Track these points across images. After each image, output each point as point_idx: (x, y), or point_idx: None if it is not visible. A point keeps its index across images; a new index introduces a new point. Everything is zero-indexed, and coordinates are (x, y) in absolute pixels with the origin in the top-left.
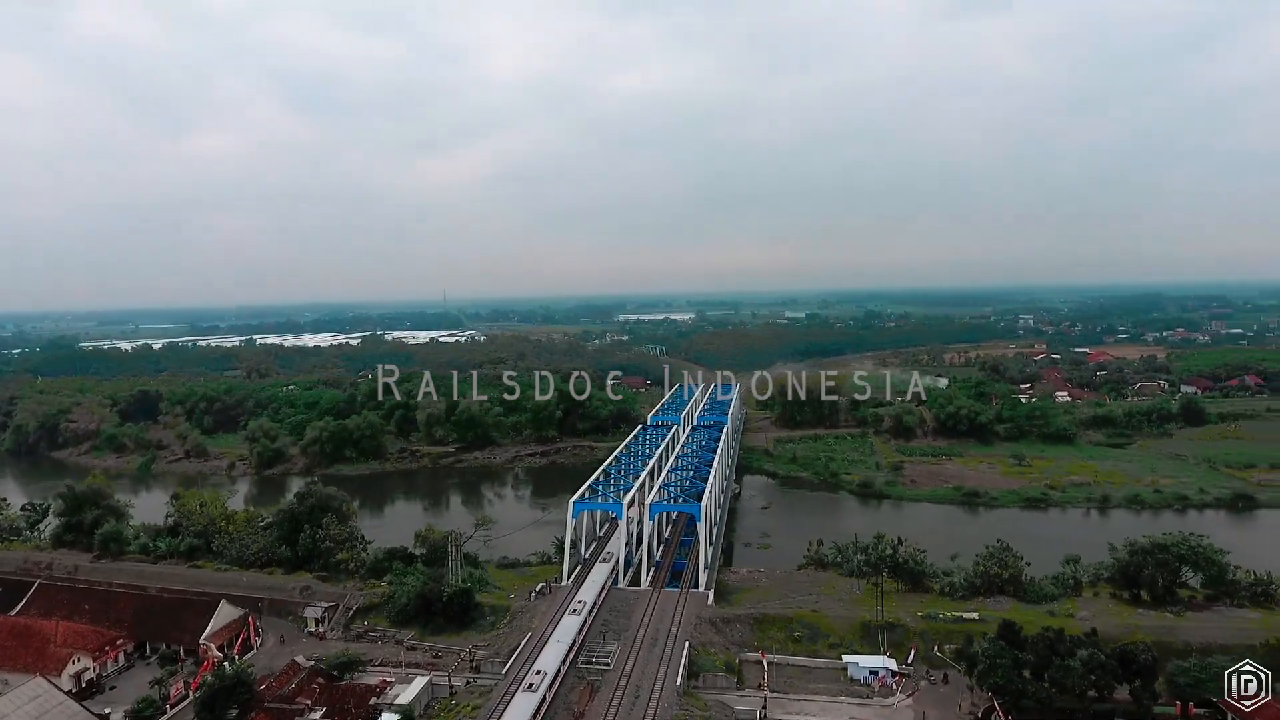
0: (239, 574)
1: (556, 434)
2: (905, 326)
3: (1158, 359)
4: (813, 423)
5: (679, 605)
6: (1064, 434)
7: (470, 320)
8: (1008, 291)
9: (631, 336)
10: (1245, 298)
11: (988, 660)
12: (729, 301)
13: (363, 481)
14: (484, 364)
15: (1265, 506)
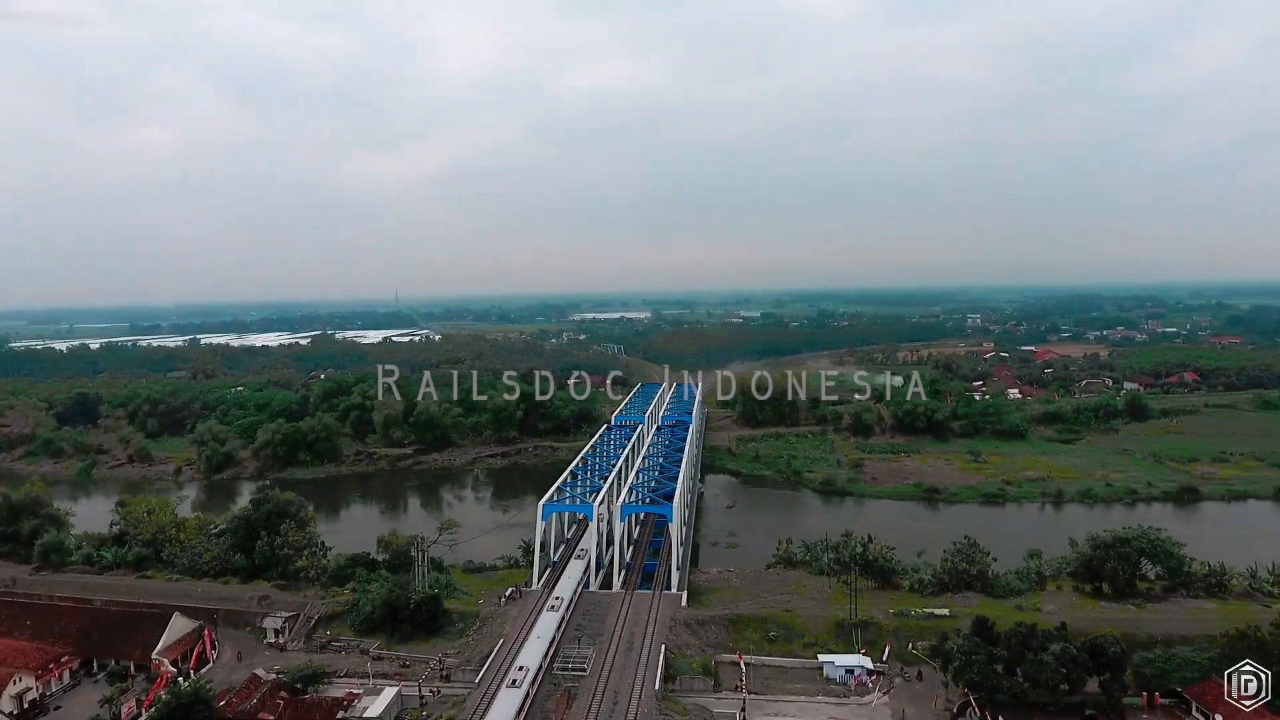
0: (192, 584)
1: (517, 434)
2: (858, 326)
3: (1100, 357)
4: (774, 421)
5: (653, 607)
6: (1017, 430)
7: (423, 319)
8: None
9: (589, 335)
10: (1176, 298)
11: (963, 657)
12: (684, 301)
13: (318, 485)
14: (441, 363)
15: (1209, 499)
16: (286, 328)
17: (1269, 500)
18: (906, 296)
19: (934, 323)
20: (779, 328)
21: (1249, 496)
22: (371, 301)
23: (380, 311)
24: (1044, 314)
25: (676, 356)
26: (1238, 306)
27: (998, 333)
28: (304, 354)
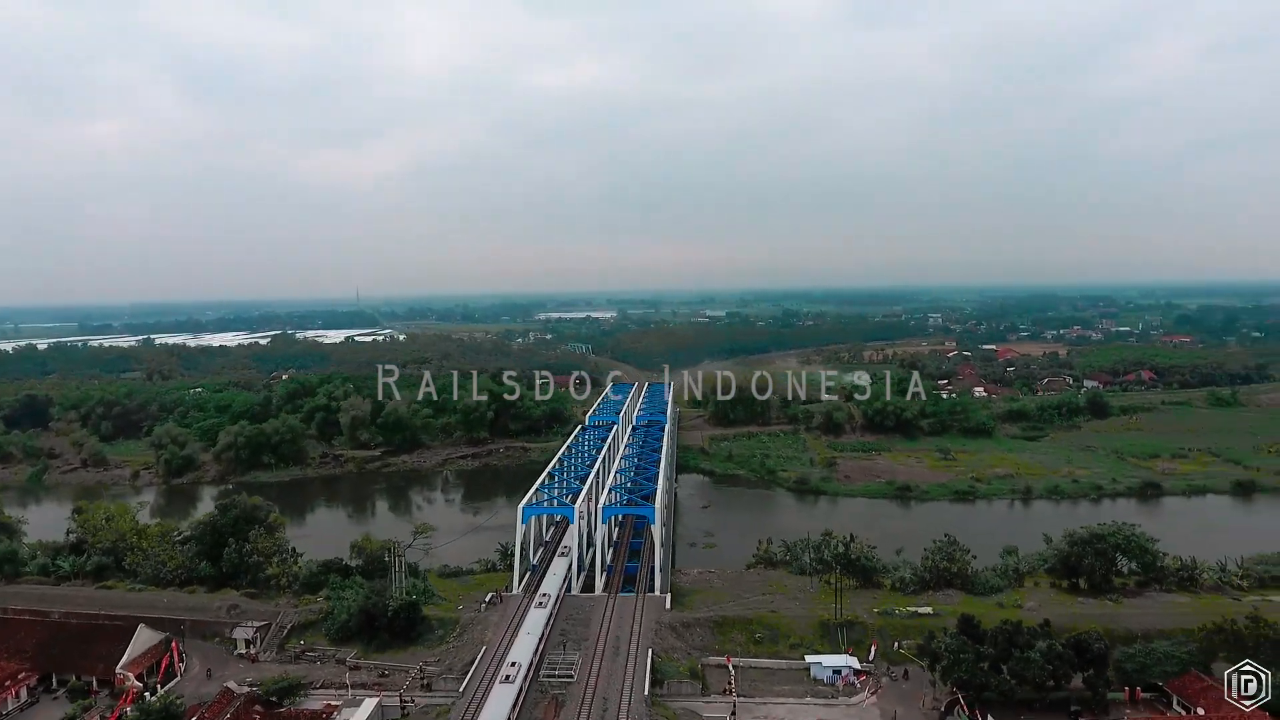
0: (156, 594)
1: (488, 435)
2: (823, 325)
3: (1060, 356)
4: (745, 420)
5: (637, 611)
6: (983, 428)
7: (386, 319)
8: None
9: (555, 335)
10: (1127, 298)
11: (951, 655)
12: (649, 300)
13: (283, 489)
14: (407, 363)
15: (1170, 494)
16: (244, 327)
17: (1226, 495)
18: (869, 296)
19: (896, 322)
20: (745, 327)
21: (1208, 491)
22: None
23: (341, 311)
24: (1002, 313)
25: (645, 356)
26: (1186, 306)
27: (958, 332)
28: (264, 354)
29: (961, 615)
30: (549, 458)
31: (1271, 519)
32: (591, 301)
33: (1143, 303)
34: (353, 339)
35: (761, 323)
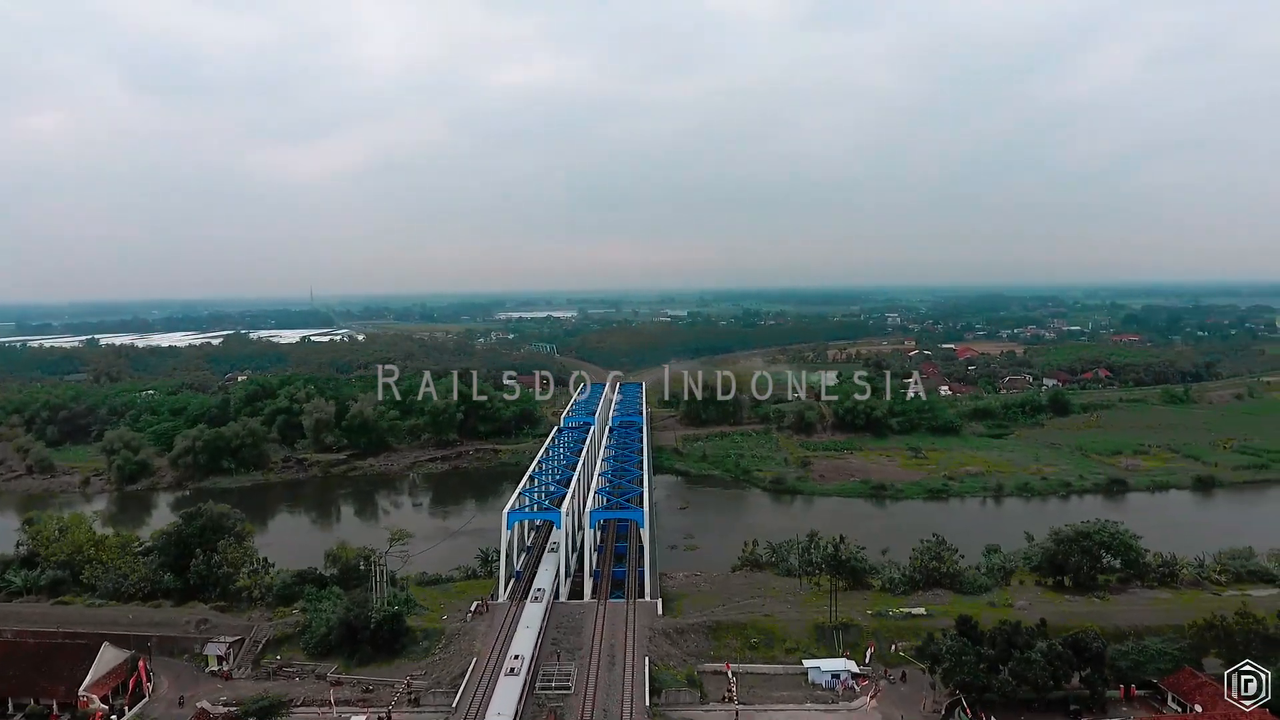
0: (118, 609)
1: (457, 437)
2: (785, 325)
3: (1017, 354)
4: (717, 420)
5: (629, 617)
6: (951, 426)
7: (341, 319)
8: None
9: (518, 335)
10: (1074, 298)
11: (953, 657)
12: (609, 299)
13: (244, 495)
14: (369, 364)
15: (1135, 490)
16: (193, 327)
17: (1187, 490)
18: (826, 296)
19: (856, 321)
20: (708, 327)
21: (1170, 487)
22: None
23: (294, 310)
24: (956, 313)
25: (611, 356)
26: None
27: (916, 331)
28: (217, 355)
29: (959, 616)
30: (520, 460)
31: (1234, 514)
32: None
33: (1089, 303)
34: (309, 339)
35: (724, 322)
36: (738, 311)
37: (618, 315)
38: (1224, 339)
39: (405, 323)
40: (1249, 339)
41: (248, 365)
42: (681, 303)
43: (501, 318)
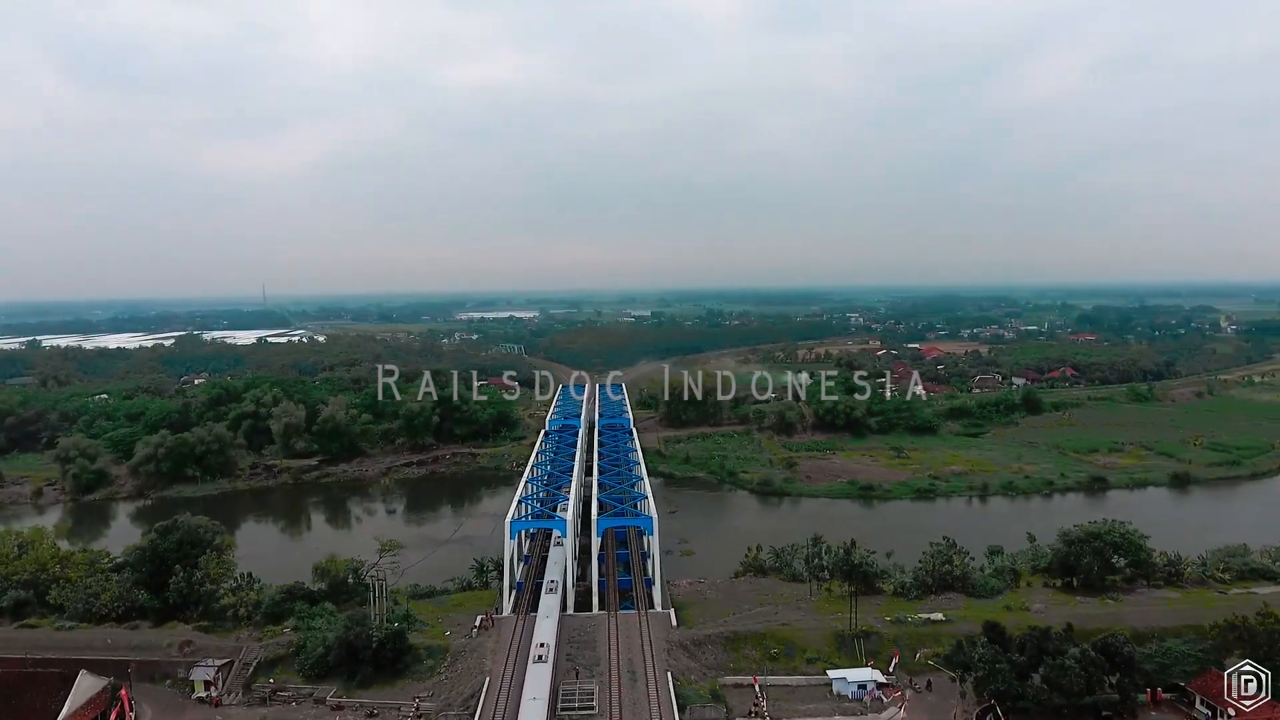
0: (91, 632)
1: (433, 441)
2: (751, 325)
3: (981, 354)
4: (697, 421)
5: (642, 630)
6: (928, 426)
7: (297, 319)
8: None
9: (482, 335)
10: (1025, 299)
11: (986, 666)
12: (570, 300)
13: (211, 504)
14: (335, 366)
15: (1115, 488)
16: (141, 328)
17: (1165, 487)
18: (787, 296)
19: (819, 322)
20: (675, 327)
21: (1149, 484)
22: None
23: (247, 310)
24: (914, 313)
25: (580, 356)
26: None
27: (879, 331)
28: (170, 357)
29: (986, 623)
30: (500, 464)
31: (1214, 510)
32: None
33: (1040, 303)
34: (265, 340)
35: (688, 323)
36: (701, 312)
37: (579, 315)
38: (1174, 338)
39: (363, 323)
40: (1200, 338)
41: (203, 368)
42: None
43: (463, 318)
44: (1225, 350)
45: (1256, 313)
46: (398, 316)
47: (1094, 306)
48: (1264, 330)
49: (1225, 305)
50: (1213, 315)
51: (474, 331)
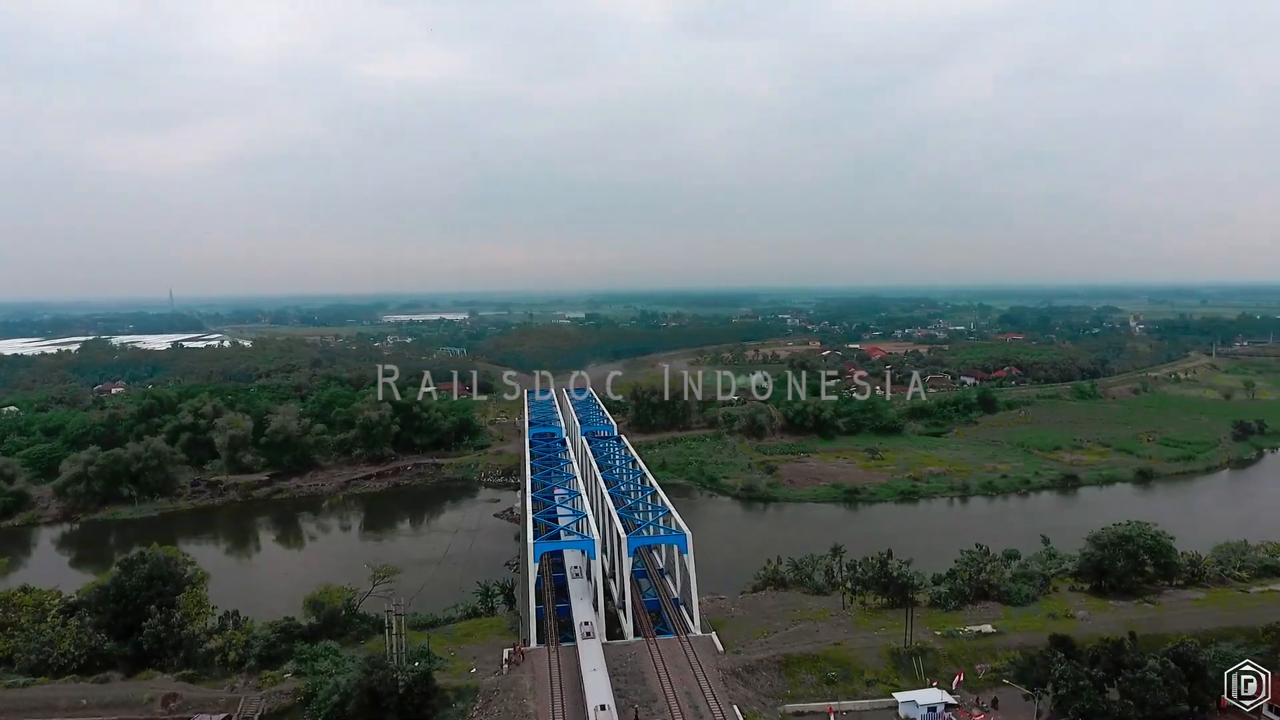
0: (52, 688)
1: (393, 452)
2: (689, 326)
3: (922, 354)
4: (666, 425)
5: (689, 657)
6: (894, 426)
7: (211, 322)
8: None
9: (416, 339)
10: (942, 299)
11: (1069, 683)
12: (497, 301)
13: (149, 526)
14: (272, 372)
15: (1086, 484)
16: (35, 333)
17: (1130, 483)
18: (716, 298)
19: (757, 323)
20: (615, 329)
21: (1116, 480)
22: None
23: (153, 314)
24: (841, 314)
25: (527, 359)
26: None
27: (816, 331)
28: (78, 364)
29: (1053, 635)
30: (467, 474)
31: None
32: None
33: (956, 304)
34: (181, 345)
35: (624, 324)
36: (634, 313)
37: (511, 318)
38: (1091, 337)
39: (283, 326)
40: (1119, 337)
41: (118, 375)
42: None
43: (389, 320)
44: (1144, 349)
45: (1155, 313)
46: (320, 319)
47: (1010, 307)
48: (1171, 329)
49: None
50: (1118, 315)
51: (406, 335)
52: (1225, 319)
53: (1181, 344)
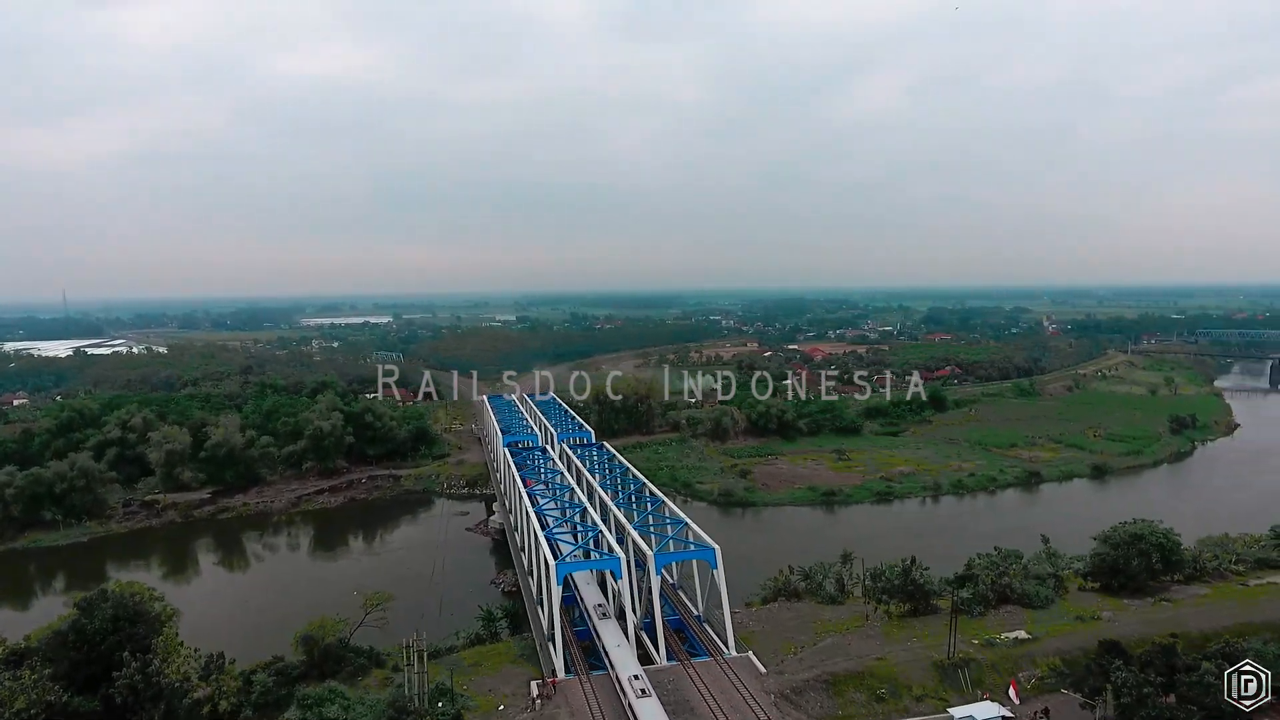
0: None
1: (345, 464)
2: (625, 328)
3: (861, 354)
4: (629, 430)
5: (731, 680)
6: (853, 426)
7: (113, 327)
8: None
9: (343, 343)
10: (862, 301)
11: (1133, 691)
12: (421, 305)
13: (79, 554)
14: (198, 380)
15: (1048, 481)
16: None
17: (1087, 478)
18: (643, 300)
19: (691, 324)
20: (551, 331)
21: (1074, 476)
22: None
23: (45, 318)
24: (769, 315)
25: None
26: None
27: (752, 333)
28: None
29: (1102, 640)
30: (429, 485)
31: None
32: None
33: (876, 305)
34: (84, 351)
35: (559, 326)
36: (565, 315)
37: (437, 320)
38: (1013, 337)
39: (193, 331)
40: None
41: (18, 386)
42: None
43: (309, 324)
44: (1065, 348)
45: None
46: (233, 324)
47: (930, 308)
48: (1082, 329)
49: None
50: (1030, 316)
51: (332, 339)
52: (1128, 319)
53: (1100, 343)
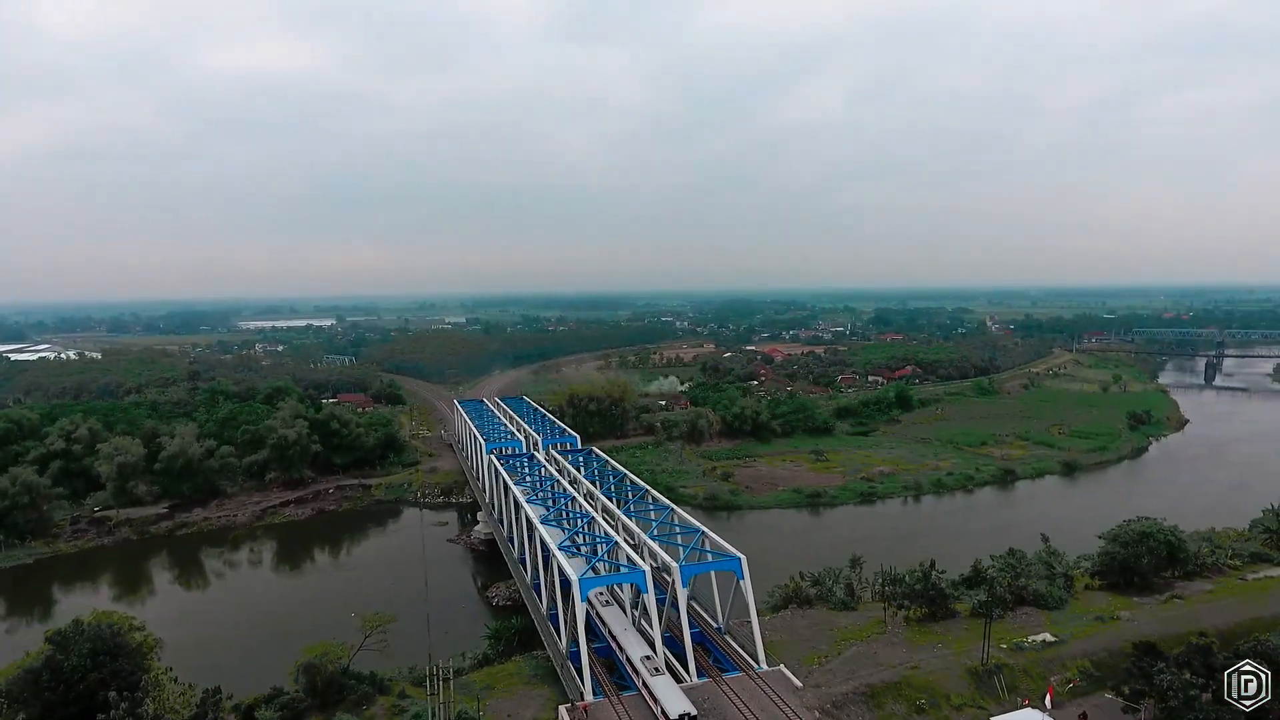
0: None
1: (311, 474)
2: (580, 330)
3: (820, 355)
4: (604, 433)
5: (769, 696)
6: (826, 427)
7: (35, 331)
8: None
9: (288, 347)
10: (808, 302)
11: (1180, 694)
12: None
13: (24, 577)
14: (142, 387)
15: (1022, 478)
16: None
17: (1059, 475)
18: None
19: (645, 326)
20: (505, 335)
21: (1045, 473)
22: None
23: None
24: (720, 317)
25: (427, 367)
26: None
27: (707, 334)
28: None
29: (1137, 643)
30: (400, 495)
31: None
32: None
33: (822, 306)
34: (8, 357)
35: (512, 329)
36: (515, 318)
37: (382, 323)
38: (962, 336)
39: (124, 335)
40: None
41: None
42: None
43: (248, 327)
44: (1012, 347)
45: (1001, 313)
46: (165, 327)
47: (876, 309)
48: (1024, 328)
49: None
50: (972, 316)
51: (275, 342)
52: (1066, 319)
53: (1046, 341)
